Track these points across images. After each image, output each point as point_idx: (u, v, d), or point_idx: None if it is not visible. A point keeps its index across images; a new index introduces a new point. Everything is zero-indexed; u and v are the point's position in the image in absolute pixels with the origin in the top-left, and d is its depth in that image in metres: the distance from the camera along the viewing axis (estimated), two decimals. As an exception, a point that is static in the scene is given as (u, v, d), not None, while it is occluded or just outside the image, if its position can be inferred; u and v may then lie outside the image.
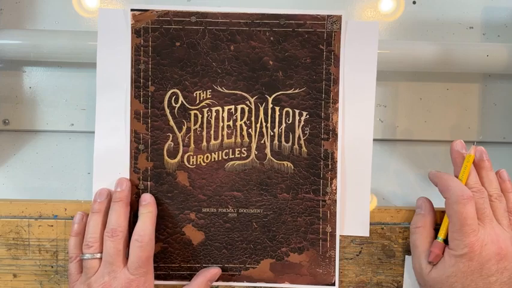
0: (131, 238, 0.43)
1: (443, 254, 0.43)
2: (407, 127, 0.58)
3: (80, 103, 0.56)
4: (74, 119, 0.56)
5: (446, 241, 0.44)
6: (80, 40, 0.52)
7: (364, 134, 0.45)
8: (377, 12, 0.58)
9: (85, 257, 0.43)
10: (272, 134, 0.45)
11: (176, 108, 0.45)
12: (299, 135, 0.46)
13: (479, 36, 0.59)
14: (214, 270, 0.46)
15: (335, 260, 0.47)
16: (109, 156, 0.46)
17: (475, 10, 0.58)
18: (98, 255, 0.43)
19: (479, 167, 0.45)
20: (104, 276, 0.42)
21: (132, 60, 0.45)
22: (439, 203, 0.57)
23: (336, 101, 0.46)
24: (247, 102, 0.45)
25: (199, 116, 0.45)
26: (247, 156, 0.46)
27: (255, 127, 0.46)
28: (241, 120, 0.46)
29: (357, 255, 0.49)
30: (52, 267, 0.49)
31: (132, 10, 0.44)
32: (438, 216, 0.48)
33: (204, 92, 0.45)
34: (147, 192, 0.46)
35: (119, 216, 0.44)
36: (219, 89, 0.45)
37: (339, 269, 0.49)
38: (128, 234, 0.44)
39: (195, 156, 0.45)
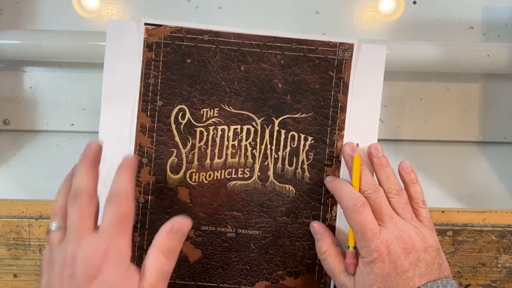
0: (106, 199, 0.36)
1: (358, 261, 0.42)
2: (407, 127, 0.58)
3: (80, 103, 0.56)
4: (74, 119, 0.56)
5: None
6: (80, 40, 0.52)
7: (368, 161, 0.45)
8: (377, 12, 0.58)
9: (51, 230, 0.37)
10: (276, 156, 0.45)
11: (182, 124, 0.45)
12: (303, 160, 0.45)
13: (480, 36, 0.59)
14: (182, 220, 0.38)
15: (329, 287, 0.46)
16: (111, 168, 0.45)
17: (475, 10, 0.58)
18: (62, 224, 0.37)
19: (375, 165, 0.44)
20: (66, 248, 0.35)
21: (142, 74, 0.45)
22: (436, 202, 0.57)
23: (341, 128, 0.45)
24: (254, 123, 0.45)
25: (205, 133, 0.45)
26: (250, 177, 0.45)
27: (260, 148, 0.45)
28: (246, 140, 0.45)
29: (357, 255, 0.49)
30: (52, 267, 0.49)
31: (145, 24, 0.44)
32: (435, 216, 0.48)
33: (212, 110, 0.45)
34: (148, 205, 0.45)
35: (83, 176, 0.37)
36: (227, 108, 0.45)
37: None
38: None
39: (197, 174, 0.45)
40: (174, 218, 0.38)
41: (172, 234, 0.37)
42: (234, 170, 0.45)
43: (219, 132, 0.45)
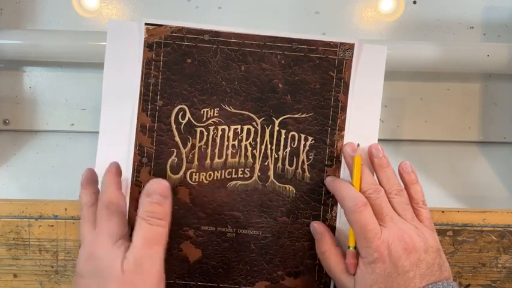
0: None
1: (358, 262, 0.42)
2: (407, 127, 0.58)
3: (80, 103, 0.56)
4: (74, 119, 0.56)
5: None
6: (80, 40, 0.52)
7: (368, 161, 0.45)
8: (377, 12, 0.58)
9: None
10: (276, 156, 0.45)
11: (183, 124, 0.45)
12: (303, 160, 0.45)
13: (480, 36, 0.59)
14: (155, 184, 0.40)
15: (329, 287, 0.46)
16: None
17: (476, 10, 0.58)
18: None
19: (376, 165, 0.44)
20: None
21: (142, 74, 0.44)
22: (436, 202, 0.57)
23: (342, 129, 0.45)
24: (254, 123, 0.45)
25: (205, 133, 0.45)
26: (250, 177, 0.45)
27: (260, 148, 0.45)
28: (246, 140, 0.45)
29: (357, 255, 0.49)
30: (52, 267, 0.49)
31: (146, 24, 0.44)
32: (435, 216, 0.48)
33: (212, 110, 0.45)
34: None
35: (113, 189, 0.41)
36: (227, 108, 0.45)
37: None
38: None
39: (197, 174, 0.45)
40: (150, 182, 0.40)
41: (148, 198, 0.39)
42: (234, 170, 0.45)
43: (219, 132, 0.45)
